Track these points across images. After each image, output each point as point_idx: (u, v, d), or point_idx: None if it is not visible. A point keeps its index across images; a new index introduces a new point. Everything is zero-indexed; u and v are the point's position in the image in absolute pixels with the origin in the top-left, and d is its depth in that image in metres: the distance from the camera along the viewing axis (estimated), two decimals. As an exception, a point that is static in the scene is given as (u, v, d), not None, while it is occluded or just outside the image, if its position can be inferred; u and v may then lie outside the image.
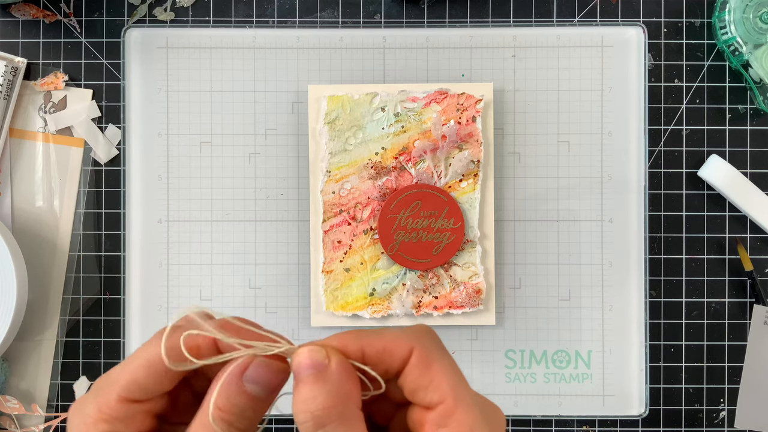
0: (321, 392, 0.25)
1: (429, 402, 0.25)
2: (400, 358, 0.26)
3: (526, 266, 0.52)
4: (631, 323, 0.51)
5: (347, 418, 0.25)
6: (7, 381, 0.52)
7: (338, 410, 0.24)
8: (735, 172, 0.51)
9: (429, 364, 0.26)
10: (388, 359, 0.26)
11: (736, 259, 0.52)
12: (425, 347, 0.26)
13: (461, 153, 0.50)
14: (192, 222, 0.52)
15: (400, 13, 0.52)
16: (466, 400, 0.25)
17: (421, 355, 0.26)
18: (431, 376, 0.25)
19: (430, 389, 0.25)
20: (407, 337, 0.26)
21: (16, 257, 0.49)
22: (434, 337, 0.27)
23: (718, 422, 0.52)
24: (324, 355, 0.25)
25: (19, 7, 0.52)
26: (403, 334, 0.26)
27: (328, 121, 0.50)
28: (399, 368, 0.26)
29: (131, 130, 0.52)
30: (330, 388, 0.25)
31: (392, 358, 0.26)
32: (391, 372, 0.26)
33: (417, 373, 0.26)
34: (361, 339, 0.26)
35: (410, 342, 0.26)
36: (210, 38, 0.52)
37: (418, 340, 0.26)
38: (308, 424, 0.24)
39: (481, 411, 0.25)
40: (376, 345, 0.26)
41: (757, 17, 0.49)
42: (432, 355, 0.26)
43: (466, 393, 0.26)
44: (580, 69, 0.52)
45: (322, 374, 0.25)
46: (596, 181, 0.52)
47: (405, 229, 0.49)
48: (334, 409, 0.24)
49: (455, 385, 0.25)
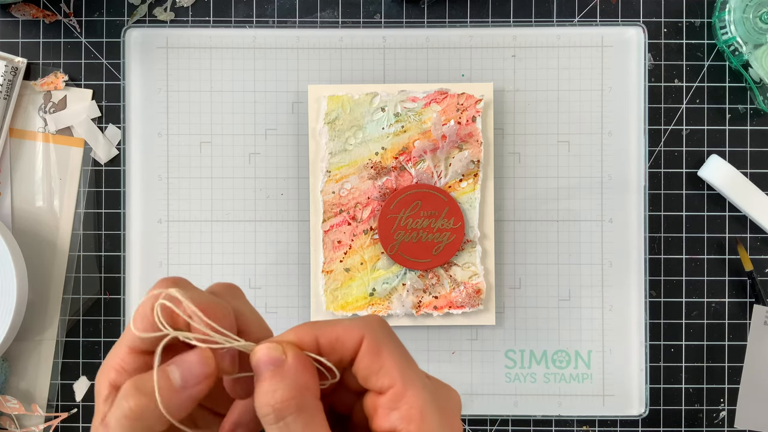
0: (279, 386, 0.26)
1: (380, 387, 0.27)
2: (351, 346, 0.27)
3: (526, 266, 0.52)
4: (631, 323, 0.51)
5: (305, 408, 0.26)
6: (7, 381, 0.52)
7: (296, 402, 0.26)
8: (735, 172, 0.51)
9: (378, 351, 0.27)
10: (340, 348, 0.27)
11: (736, 259, 0.52)
12: (374, 335, 0.27)
13: (461, 153, 0.50)
14: (192, 222, 0.52)
15: (400, 13, 0.52)
16: (415, 383, 0.27)
17: (371, 342, 0.27)
18: (381, 362, 0.27)
19: (381, 374, 0.27)
20: (358, 326, 0.27)
21: (16, 257, 0.49)
22: (384, 325, 0.28)
23: (718, 422, 0.52)
24: (280, 351, 0.26)
25: (19, 7, 0.52)
26: (354, 324, 0.28)
27: (328, 121, 0.50)
28: (351, 356, 0.27)
29: (131, 130, 0.52)
30: (287, 381, 0.26)
31: (344, 346, 0.27)
32: (345, 360, 0.27)
33: (368, 360, 0.27)
34: (314, 330, 0.27)
35: (360, 330, 0.27)
36: (210, 38, 0.52)
37: (368, 328, 0.27)
38: (269, 417, 0.26)
39: (430, 392, 0.27)
40: (329, 335, 0.27)
41: (757, 17, 0.49)
42: (381, 342, 0.27)
43: (415, 376, 0.27)
44: (580, 69, 0.52)
45: (279, 369, 0.26)
46: (596, 181, 0.52)
47: (405, 229, 0.49)
48: (293, 401, 0.26)
49: (404, 369, 0.27)
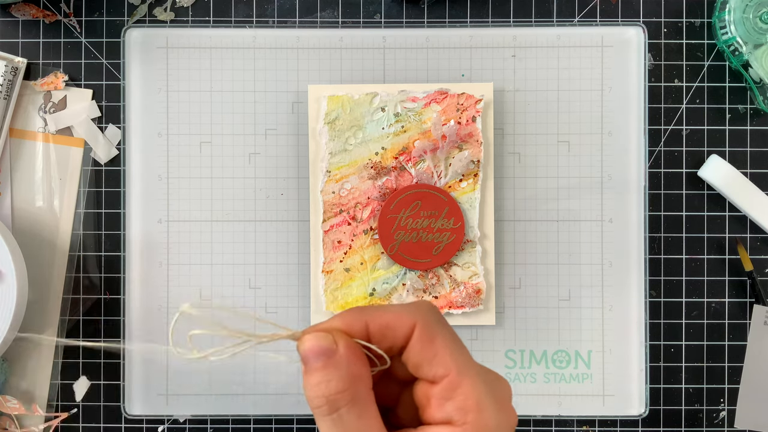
0: (333, 377, 0.25)
1: (434, 376, 0.26)
2: (403, 333, 0.26)
3: (526, 266, 0.52)
4: (631, 323, 0.51)
5: (359, 399, 0.25)
6: (7, 381, 0.52)
7: (350, 393, 0.25)
8: (735, 172, 0.51)
9: (432, 338, 0.26)
10: (391, 335, 0.26)
11: (736, 259, 0.52)
12: (427, 322, 0.26)
13: (461, 153, 0.50)
14: (192, 222, 0.52)
15: (400, 13, 0.52)
16: (470, 372, 0.26)
17: (424, 329, 0.26)
18: (435, 350, 0.26)
19: (434, 363, 0.26)
20: (409, 313, 0.26)
21: (16, 257, 0.49)
22: (436, 311, 0.27)
23: (718, 422, 0.52)
24: (331, 340, 0.26)
25: (19, 7, 0.52)
26: (406, 310, 0.27)
27: (328, 121, 0.50)
28: (403, 343, 0.26)
29: (131, 130, 0.52)
30: (341, 372, 0.25)
31: (395, 333, 0.26)
32: (395, 347, 0.26)
33: (420, 347, 0.26)
34: (364, 316, 0.27)
35: (413, 317, 0.26)
36: (210, 38, 0.52)
37: (421, 314, 0.26)
38: (323, 409, 0.25)
39: (485, 382, 0.26)
40: (379, 321, 0.26)
41: (757, 17, 0.49)
42: (434, 329, 0.26)
43: (470, 365, 0.26)
44: (580, 69, 0.52)
45: (331, 359, 0.25)
46: (596, 181, 0.52)
47: (405, 229, 0.49)
48: (347, 392, 0.25)
49: (458, 357, 0.26)
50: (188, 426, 0.52)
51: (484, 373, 0.27)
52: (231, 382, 0.51)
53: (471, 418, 0.25)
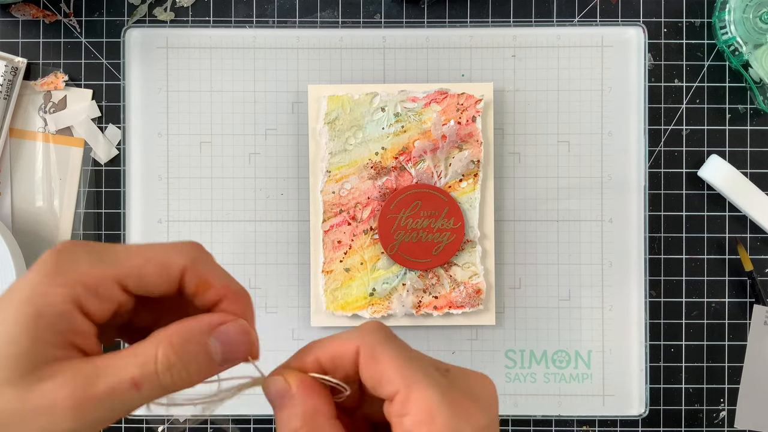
0: (291, 415, 0.26)
1: (387, 395, 0.26)
2: (350, 359, 0.26)
3: (526, 266, 0.52)
4: (631, 323, 0.51)
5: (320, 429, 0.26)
6: (7, 381, 0.52)
7: (309, 427, 0.26)
8: (735, 172, 0.51)
9: (375, 358, 0.26)
10: (341, 363, 0.27)
11: (736, 259, 0.52)
12: (369, 343, 0.26)
13: (461, 153, 0.50)
14: (192, 222, 0.52)
15: (400, 13, 0.52)
16: (418, 382, 0.25)
17: (366, 351, 0.26)
18: (381, 369, 0.26)
19: (383, 382, 0.26)
20: (352, 338, 0.27)
21: (16, 257, 0.49)
22: (381, 330, 0.27)
23: (718, 422, 0.52)
24: (283, 381, 0.26)
25: (19, 7, 0.52)
26: (348, 336, 0.27)
27: (328, 121, 0.50)
28: (354, 369, 0.27)
29: (131, 130, 0.52)
30: (296, 410, 0.26)
31: (344, 361, 0.27)
32: (350, 374, 0.27)
33: (368, 370, 0.26)
34: (314, 351, 0.27)
35: (355, 341, 0.26)
36: (210, 38, 0.52)
37: (362, 337, 0.27)
38: None
39: (439, 387, 0.25)
40: (326, 354, 0.27)
41: (757, 17, 0.49)
42: (377, 348, 0.26)
43: (418, 375, 0.25)
44: (580, 69, 0.52)
45: (287, 399, 0.26)
46: (596, 181, 0.52)
47: (405, 229, 0.49)
48: (306, 427, 0.26)
49: (404, 370, 0.25)
50: (188, 426, 0.52)
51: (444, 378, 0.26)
52: (231, 382, 0.51)
53: (425, 430, 0.25)
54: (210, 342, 0.25)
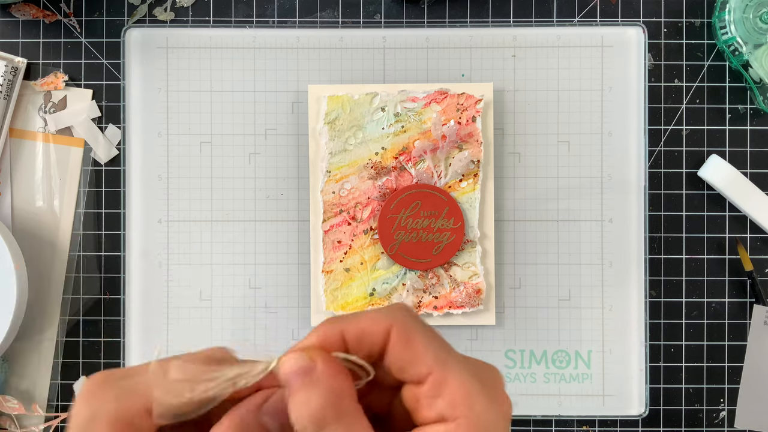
0: (313, 395, 0.24)
1: (418, 376, 0.25)
2: (379, 338, 0.26)
3: (526, 266, 0.52)
4: (631, 323, 0.51)
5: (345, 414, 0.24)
6: (7, 381, 0.52)
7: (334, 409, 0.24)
8: (735, 172, 0.51)
9: (409, 339, 0.25)
10: (368, 341, 0.26)
11: (736, 259, 0.52)
12: (402, 323, 0.26)
13: (461, 153, 0.50)
14: (192, 222, 0.52)
15: (400, 13, 0.52)
16: (454, 366, 0.25)
17: (400, 331, 0.25)
18: (414, 350, 0.25)
19: (416, 363, 0.25)
20: (384, 317, 0.26)
21: (16, 257, 0.49)
22: (411, 311, 0.27)
23: (718, 422, 0.52)
24: (307, 358, 0.25)
25: (19, 7, 0.52)
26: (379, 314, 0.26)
27: (328, 121, 0.50)
28: (381, 348, 0.26)
29: (131, 130, 0.52)
30: (321, 389, 0.24)
31: (372, 339, 0.26)
32: (374, 354, 0.26)
33: (399, 350, 0.25)
34: (339, 326, 0.26)
35: (387, 320, 0.26)
36: (210, 38, 0.52)
37: (395, 317, 0.26)
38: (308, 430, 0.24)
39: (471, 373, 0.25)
40: (354, 329, 0.26)
41: (757, 17, 0.49)
42: (411, 329, 0.26)
43: (453, 359, 0.25)
44: (580, 69, 0.52)
45: (310, 378, 0.25)
46: (596, 181, 0.52)
47: (405, 229, 0.49)
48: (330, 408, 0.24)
49: (440, 353, 0.25)
50: (188, 426, 0.52)
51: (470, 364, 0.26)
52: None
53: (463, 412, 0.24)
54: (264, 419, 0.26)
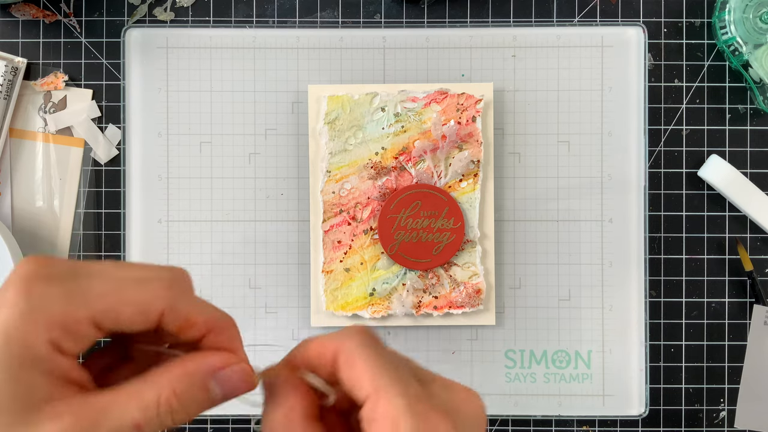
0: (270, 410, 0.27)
1: (361, 399, 0.26)
2: (329, 361, 0.27)
3: (526, 266, 0.52)
4: (631, 323, 0.51)
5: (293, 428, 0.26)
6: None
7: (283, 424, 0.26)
8: (735, 172, 0.51)
9: (352, 363, 0.26)
10: (321, 364, 0.27)
11: (736, 259, 0.52)
12: (347, 347, 0.26)
13: (461, 153, 0.50)
14: (192, 222, 0.52)
15: (400, 13, 0.52)
16: (388, 390, 0.25)
17: (344, 354, 0.26)
18: (357, 374, 0.26)
19: (357, 387, 0.26)
20: (333, 340, 0.27)
21: (16, 257, 0.49)
22: (363, 335, 0.27)
23: (718, 422, 0.52)
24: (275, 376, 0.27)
25: (19, 7, 0.52)
26: (331, 338, 0.27)
27: (328, 121, 0.50)
28: (333, 371, 0.27)
29: (131, 130, 0.52)
30: (276, 405, 0.26)
31: (323, 362, 0.27)
32: (332, 376, 0.27)
33: (344, 374, 0.26)
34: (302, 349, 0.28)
35: (334, 344, 0.27)
36: (210, 38, 0.52)
37: (342, 342, 0.27)
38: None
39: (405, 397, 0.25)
40: (309, 353, 0.27)
41: (757, 17, 0.49)
42: (355, 353, 0.26)
43: (390, 383, 0.25)
44: (580, 69, 0.52)
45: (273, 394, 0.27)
46: (596, 181, 0.52)
47: (405, 229, 0.49)
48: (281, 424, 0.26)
49: (377, 377, 0.25)
50: (188, 426, 0.52)
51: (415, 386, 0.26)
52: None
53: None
54: (211, 385, 0.26)
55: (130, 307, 0.24)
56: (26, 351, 0.23)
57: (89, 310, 0.24)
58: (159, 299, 0.25)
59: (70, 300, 0.24)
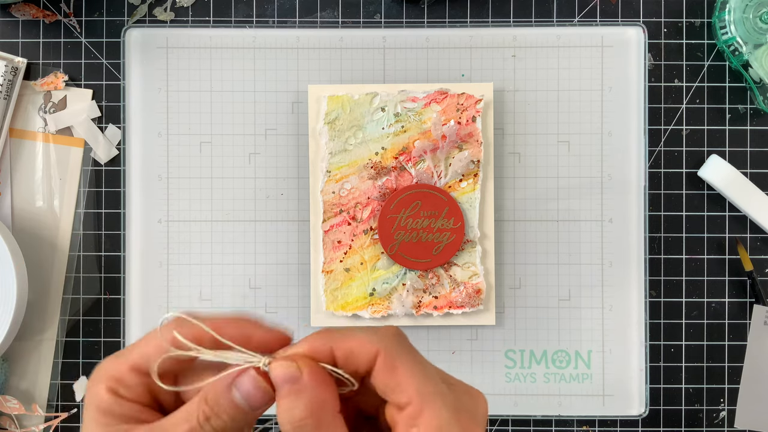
0: (297, 404, 0.26)
1: (398, 403, 0.26)
2: (366, 360, 0.27)
3: (526, 266, 0.52)
4: (631, 323, 0.51)
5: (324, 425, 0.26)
6: (7, 381, 0.52)
7: (314, 419, 0.26)
8: (735, 172, 0.51)
9: (394, 367, 0.27)
10: (355, 362, 0.27)
11: (736, 259, 0.52)
12: (390, 350, 0.27)
13: (461, 153, 0.50)
14: (192, 222, 0.52)
15: (400, 13, 0.52)
16: (433, 401, 0.26)
17: (387, 358, 0.27)
18: (397, 379, 0.26)
19: (397, 391, 0.26)
20: (372, 340, 0.27)
21: (16, 257, 0.49)
22: (401, 338, 0.28)
23: (718, 422, 0.52)
24: (295, 368, 0.26)
25: (19, 7, 0.52)
26: (369, 337, 0.27)
27: (328, 121, 0.50)
28: (367, 370, 0.27)
29: (131, 130, 0.52)
30: (304, 399, 0.26)
31: (359, 360, 0.27)
32: (360, 372, 0.27)
33: (384, 376, 0.27)
34: (330, 341, 0.27)
35: (375, 345, 0.27)
36: (210, 38, 0.52)
37: (383, 343, 0.27)
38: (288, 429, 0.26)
39: (450, 409, 0.26)
40: (343, 348, 0.27)
41: (757, 17, 0.49)
42: (397, 357, 0.27)
43: (433, 392, 0.26)
44: (580, 69, 0.52)
45: (296, 386, 0.26)
46: (596, 181, 0.52)
47: (405, 229, 0.49)
48: (310, 419, 0.26)
49: (421, 386, 0.26)
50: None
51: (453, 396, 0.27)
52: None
53: None
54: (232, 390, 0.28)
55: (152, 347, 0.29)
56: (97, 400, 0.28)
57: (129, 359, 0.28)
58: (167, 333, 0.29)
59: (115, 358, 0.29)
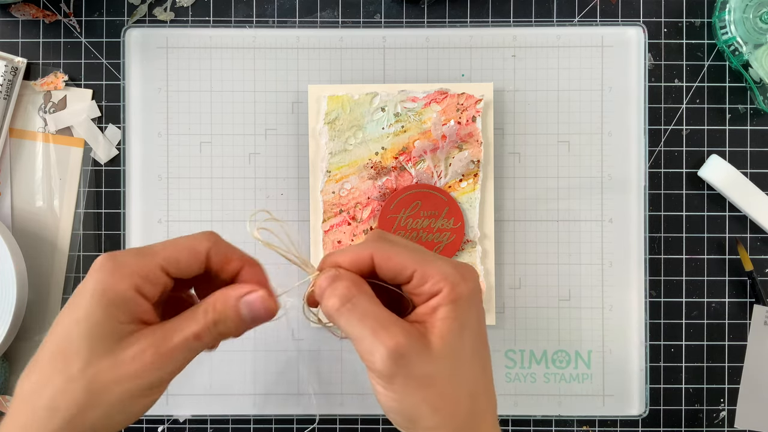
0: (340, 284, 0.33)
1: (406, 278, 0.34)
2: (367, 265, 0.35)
3: (526, 266, 0.52)
4: (631, 323, 0.51)
5: (366, 292, 0.33)
6: (7, 381, 0.52)
7: (357, 288, 0.33)
8: (735, 172, 0.51)
9: (389, 257, 0.34)
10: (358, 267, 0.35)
11: (736, 259, 0.52)
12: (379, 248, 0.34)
13: (461, 153, 0.50)
14: (192, 222, 0.52)
15: (400, 13, 0.52)
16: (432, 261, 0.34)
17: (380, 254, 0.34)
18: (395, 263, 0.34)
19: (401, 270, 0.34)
20: (365, 248, 0.35)
21: (16, 257, 0.49)
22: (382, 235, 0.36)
23: (718, 422, 0.52)
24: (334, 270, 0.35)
25: (19, 7, 0.52)
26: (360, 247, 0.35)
27: (328, 121, 0.50)
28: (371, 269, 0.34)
29: (131, 130, 0.52)
30: (345, 280, 0.34)
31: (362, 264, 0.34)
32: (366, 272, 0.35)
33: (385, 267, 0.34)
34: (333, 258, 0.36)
35: (368, 250, 0.34)
36: (210, 38, 0.52)
37: (372, 245, 0.35)
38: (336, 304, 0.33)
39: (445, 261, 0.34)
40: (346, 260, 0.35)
41: (757, 17, 0.49)
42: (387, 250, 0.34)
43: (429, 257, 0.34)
44: (580, 69, 0.52)
45: (336, 277, 0.34)
46: (596, 181, 0.52)
47: (405, 229, 0.49)
48: (354, 288, 0.33)
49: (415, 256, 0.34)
50: (188, 426, 0.52)
51: (444, 258, 0.35)
52: (231, 382, 0.51)
53: (443, 285, 0.33)
54: (240, 305, 0.34)
55: (185, 251, 0.34)
56: (117, 295, 0.32)
57: (157, 260, 0.33)
58: (204, 242, 0.34)
59: (142, 257, 0.33)
